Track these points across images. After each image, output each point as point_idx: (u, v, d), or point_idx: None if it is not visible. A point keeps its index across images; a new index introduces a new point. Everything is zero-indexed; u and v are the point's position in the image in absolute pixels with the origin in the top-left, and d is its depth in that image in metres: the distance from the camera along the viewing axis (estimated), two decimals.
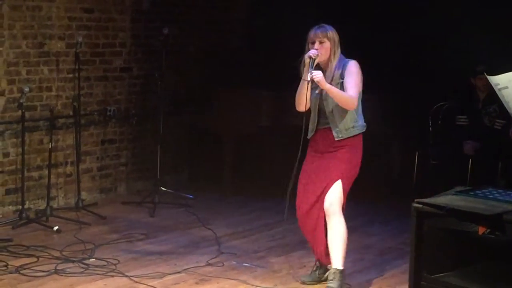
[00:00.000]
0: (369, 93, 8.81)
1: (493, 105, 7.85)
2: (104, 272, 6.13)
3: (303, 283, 6.01)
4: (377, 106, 8.67)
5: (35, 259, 6.37)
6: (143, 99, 8.92)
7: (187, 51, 9.33)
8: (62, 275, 6.04)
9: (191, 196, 8.48)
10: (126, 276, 6.06)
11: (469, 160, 7.72)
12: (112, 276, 6.08)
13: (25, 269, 6.13)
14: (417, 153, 8.27)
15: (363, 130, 5.88)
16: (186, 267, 6.31)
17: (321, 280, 5.98)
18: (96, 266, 6.26)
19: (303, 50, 5.71)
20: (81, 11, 8.27)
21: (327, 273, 5.88)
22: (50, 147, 7.70)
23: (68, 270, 6.15)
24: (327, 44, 5.73)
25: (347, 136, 5.76)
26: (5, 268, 6.14)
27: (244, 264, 6.46)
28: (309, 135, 5.90)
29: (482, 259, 4.74)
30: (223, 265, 6.40)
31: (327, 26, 5.80)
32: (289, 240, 7.17)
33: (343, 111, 5.72)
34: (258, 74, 9.30)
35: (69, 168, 8.28)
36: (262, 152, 9.58)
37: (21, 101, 7.21)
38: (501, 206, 4.57)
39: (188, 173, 9.51)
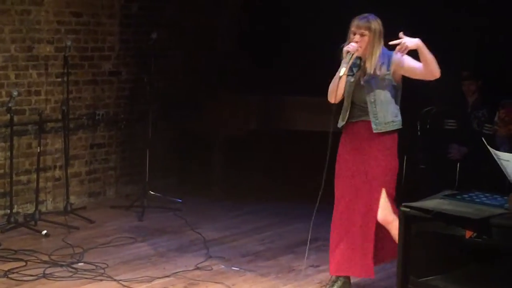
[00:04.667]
0: None
1: (482, 109, 7.89)
2: (93, 276, 6.13)
3: None
4: None
5: (24, 263, 6.36)
6: (132, 103, 8.92)
7: (176, 55, 9.33)
8: (50, 279, 6.04)
9: (180, 200, 8.47)
10: (115, 280, 6.06)
11: (457, 164, 7.75)
12: (101, 280, 6.07)
13: (13, 273, 6.12)
14: (405, 157, 8.28)
15: (400, 127, 5.70)
16: (175, 271, 6.31)
17: None
18: (85, 270, 6.25)
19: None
20: (70, 15, 8.27)
21: None
22: (38, 151, 7.68)
23: (56, 274, 6.14)
24: (368, 37, 5.54)
25: (385, 130, 5.59)
26: None
27: (232, 268, 6.46)
28: (340, 124, 5.72)
29: (469, 263, 4.76)
30: (211, 269, 6.40)
31: (371, 16, 5.59)
32: (277, 244, 7.19)
33: (386, 103, 5.58)
34: (248, 78, 9.33)
35: (57, 172, 8.27)
36: (251, 156, 9.60)
37: (9, 105, 7.21)
38: (488, 210, 4.60)
39: (177, 177, 9.50)
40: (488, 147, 4.83)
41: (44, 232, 7.24)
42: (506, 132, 7.54)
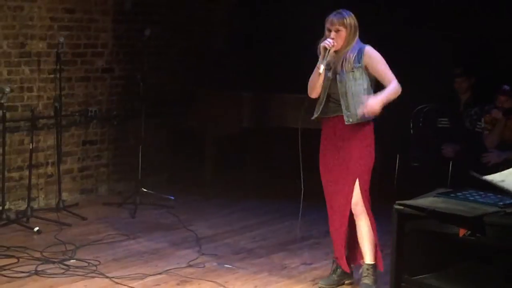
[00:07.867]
0: None
1: (474, 107, 7.89)
2: (85, 273, 6.12)
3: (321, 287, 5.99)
4: None
5: (16, 260, 6.34)
6: (125, 100, 8.90)
7: (169, 52, 9.32)
8: (42, 276, 6.02)
9: (172, 197, 8.46)
10: (107, 277, 6.05)
11: (449, 162, 7.75)
12: (93, 277, 6.06)
13: (5, 269, 6.10)
14: (398, 156, 8.29)
15: (374, 118, 5.81)
16: (167, 268, 6.30)
17: (339, 284, 5.99)
18: (77, 267, 6.24)
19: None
20: (62, 11, 8.24)
21: (360, 270, 5.93)
22: (31, 147, 7.66)
23: (48, 271, 6.13)
24: (343, 32, 5.67)
25: (357, 122, 5.70)
26: None
27: (225, 265, 6.46)
28: (314, 116, 5.87)
29: (462, 261, 4.77)
30: (204, 267, 6.40)
31: (345, 12, 5.72)
32: (270, 242, 7.18)
33: (357, 95, 5.67)
34: (240, 75, 9.32)
35: (50, 169, 8.25)
36: (243, 153, 9.59)
37: (2, 101, 7.18)
38: (481, 208, 4.60)
39: (170, 174, 9.49)
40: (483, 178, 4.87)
41: (36, 228, 7.21)
42: (498, 136, 7.54)
